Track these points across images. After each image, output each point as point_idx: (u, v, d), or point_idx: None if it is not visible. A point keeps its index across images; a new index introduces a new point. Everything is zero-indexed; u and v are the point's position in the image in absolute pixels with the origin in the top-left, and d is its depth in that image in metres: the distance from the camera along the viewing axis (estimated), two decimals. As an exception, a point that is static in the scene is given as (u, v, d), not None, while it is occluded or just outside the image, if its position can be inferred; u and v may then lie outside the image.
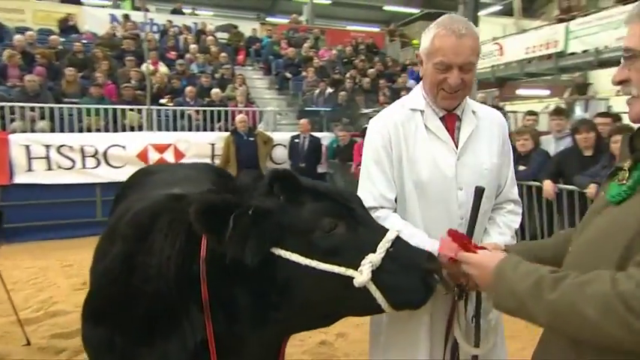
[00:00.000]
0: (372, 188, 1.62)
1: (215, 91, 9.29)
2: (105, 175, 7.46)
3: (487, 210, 1.67)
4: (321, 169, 8.73)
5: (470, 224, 1.42)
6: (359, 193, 1.60)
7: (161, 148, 7.99)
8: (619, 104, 10.88)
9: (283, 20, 18.10)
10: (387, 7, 21.06)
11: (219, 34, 14.25)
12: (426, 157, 1.59)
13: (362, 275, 1.24)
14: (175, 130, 8.52)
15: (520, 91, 16.57)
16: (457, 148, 1.60)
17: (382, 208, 1.60)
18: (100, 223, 6.23)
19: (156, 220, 1.61)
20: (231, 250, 1.24)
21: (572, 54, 12.19)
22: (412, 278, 1.30)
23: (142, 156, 7.82)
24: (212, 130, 8.85)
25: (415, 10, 20.97)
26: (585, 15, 12.19)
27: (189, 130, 8.75)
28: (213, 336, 1.40)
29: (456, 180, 1.59)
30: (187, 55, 11.97)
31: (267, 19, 19.61)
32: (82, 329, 1.65)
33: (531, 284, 1.00)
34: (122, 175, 5.04)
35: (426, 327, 1.61)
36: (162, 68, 10.77)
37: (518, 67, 14.17)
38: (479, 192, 1.42)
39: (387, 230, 1.33)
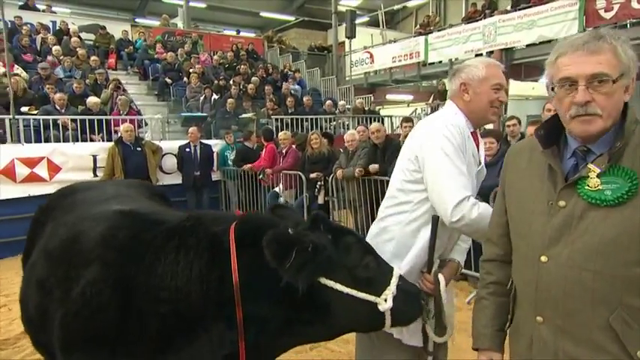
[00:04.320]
0: (464, 181, 1.80)
1: (94, 99, 8.49)
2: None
3: None
4: (214, 177, 8.62)
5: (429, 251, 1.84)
6: (450, 185, 1.77)
7: (31, 162, 7.13)
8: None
9: (154, 22, 17.19)
10: (263, 14, 21.32)
11: (83, 35, 13.03)
12: None
13: (387, 303, 1.56)
14: (47, 141, 7.57)
15: (389, 96, 18.19)
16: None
17: (472, 196, 1.81)
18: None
19: (143, 242, 1.65)
20: (287, 277, 1.46)
21: (432, 64, 13.84)
22: (414, 303, 1.69)
23: (8, 171, 6.91)
24: (89, 140, 8.08)
25: (290, 18, 21.60)
26: (440, 30, 13.93)
27: (61, 141, 7.74)
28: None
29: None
30: (49, 58, 10.76)
31: (137, 20, 18.46)
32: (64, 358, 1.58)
33: None
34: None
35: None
36: (19, 71, 9.54)
37: (387, 74, 15.58)
38: (435, 220, 1.79)
39: (393, 268, 1.67)
